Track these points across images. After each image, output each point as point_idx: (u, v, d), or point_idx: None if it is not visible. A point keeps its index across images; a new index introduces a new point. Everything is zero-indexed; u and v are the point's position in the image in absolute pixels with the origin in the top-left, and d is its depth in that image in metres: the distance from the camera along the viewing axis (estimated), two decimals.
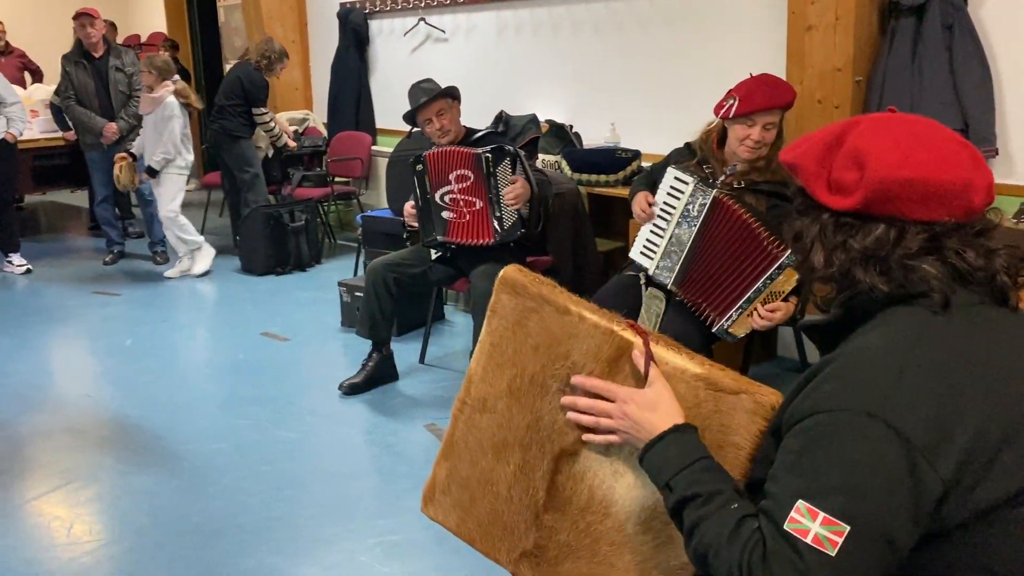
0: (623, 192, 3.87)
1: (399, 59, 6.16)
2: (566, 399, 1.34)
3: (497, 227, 3.44)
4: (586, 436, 1.33)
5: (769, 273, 2.64)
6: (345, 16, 6.35)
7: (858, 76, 3.38)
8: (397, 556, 2.54)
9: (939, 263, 1.10)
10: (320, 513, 2.79)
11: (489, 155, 3.39)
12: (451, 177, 3.49)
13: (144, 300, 5.25)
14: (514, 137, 4.79)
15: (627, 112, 4.61)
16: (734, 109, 2.77)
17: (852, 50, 3.33)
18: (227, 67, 7.86)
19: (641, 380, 1.28)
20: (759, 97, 2.76)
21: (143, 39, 9.99)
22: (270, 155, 6.20)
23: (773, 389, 1.28)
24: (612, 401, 1.28)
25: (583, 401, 1.32)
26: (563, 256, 4.02)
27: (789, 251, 2.58)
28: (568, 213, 4.07)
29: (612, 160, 4.25)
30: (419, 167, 3.55)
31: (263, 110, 5.87)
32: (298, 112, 6.74)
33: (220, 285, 5.52)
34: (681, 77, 4.32)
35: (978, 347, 1.07)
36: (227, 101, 5.79)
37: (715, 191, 2.76)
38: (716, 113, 2.86)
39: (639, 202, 2.96)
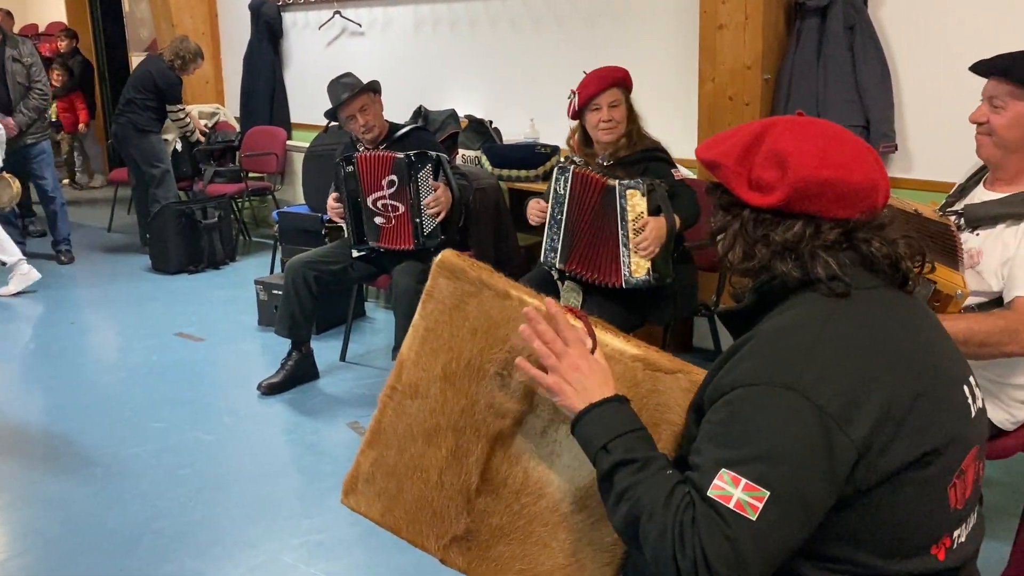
0: (543, 187, 3.91)
1: (314, 53, 6.06)
2: (528, 324, 1.29)
3: (417, 234, 3.43)
4: (520, 360, 1.30)
5: (618, 205, 2.81)
6: (257, 8, 6.20)
7: (767, 74, 3.50)
8: (322, 555, 2.51)
9: (850, 251, 1.19)
10: (242, 515, 2.73)
11: (411, 160, 3.37)
12: (384, 183, 3.45)
13: (49, 301, 5.03)
14: (434, 132, 4.78)
15: (546, 108, 4.65)
16: (576, 103, 3.02)
17: (761, 48, 3.44)
18: (133, 59, 7.59)
19: None
20: (592, 84, 3.00)
21: (41, 29, 9.56)
22: (179, 148, 6.02)
23: (704, 369, 1.32)
24: (570, 347, 1.28)
25: (547, 330, 1.29)
26: (485, 251, 4.04)
27: (618, 181, 2.82)
28: (489, 208, 4.08)
29: (532, 155, 4.29)
30: (349, 168, 3.49)
31: (179, 107, 5.72)
32: (208, 106, 6.57)
33: (130, 285, 5.33)
34: None
35: (881, 325, 1.15)
36: (136, 94, 5.60)
37: (572, 166, 2.97)
38: (568, 114, 3.10)
39: (531, 206, 3.15)
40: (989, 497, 2.77)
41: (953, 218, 2.19)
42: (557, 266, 3.03)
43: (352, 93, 3.47)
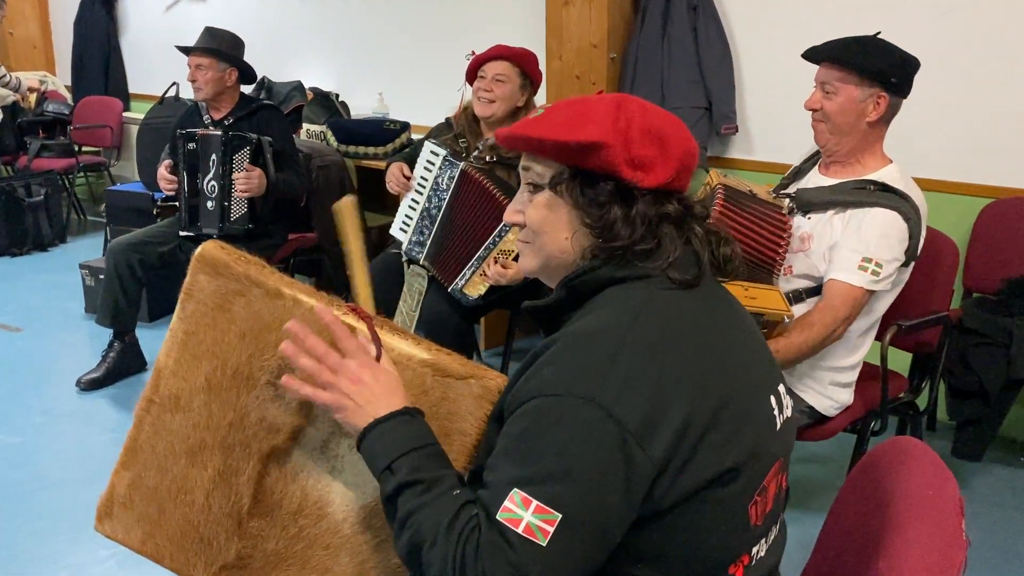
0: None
1: (153, 18, 5.66)
2: (293, 328, 1.15)
3: (223, 217, 3.26)
4: (287, 379, 1.15)
5: (498, 230, 2.67)
6: None
7: (613, 53, 3.45)
8: (133, 568, 2.31)
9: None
10: (45, 526, 2.49)
11: (227, 139, 3.21)
12: (210, 163, 3.27)
13: None
14: (278, 104, 4.53)
15: (396, 83, 4.49)
16: (469, 66, 2.86)
17: (607, 27, 3.39)
18: None
19: None
20: (487, 51, 2.84)
21: None
22: None
23: (500, 373, 1.24)
24: (347, 359, 1.15)
25: (317, 343, 1.15)
26: (329, 232, 3.85)
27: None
28: (333, 187, 3.90)
29: (380, 132, 4.12)
30: (191, 145, 3.27)
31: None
32: (34, 73, 6.02)
33: None
34: (447, 49, 4.24)
35: (690, 327, 1.07)
36: None
37: (463, 164, 2.74)
38: (466, 79, 2.91)
39: (392, 172, 2.92)
40: (814, 472, 2.86)
41: (786, 201, 2.20)
42: (421, 262, 2.86)
43: (194, 46, 3.36)
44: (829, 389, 2.16)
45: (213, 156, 3.22)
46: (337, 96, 4.46)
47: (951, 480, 1.06)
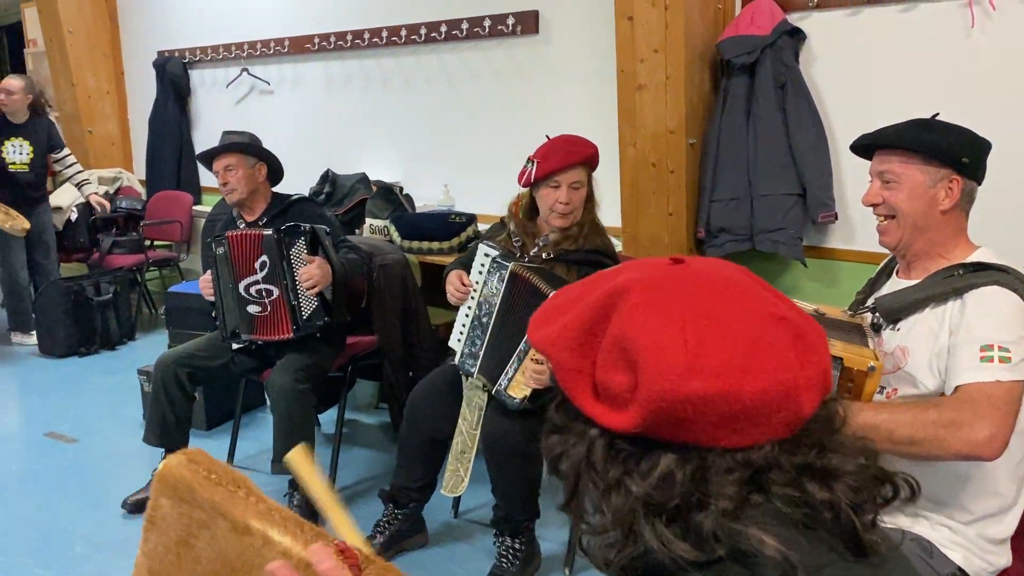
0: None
1: (223, 112, 5.66)
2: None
3: (295, 318, 3.02)
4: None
5: None
6: (162, 65, 5.80)
7: (692, 138, 3.15)
8: None
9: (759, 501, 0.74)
10: None
11: (280, 236, 2.99)
12: (256, 265, 3.06)
13: None
14: (341, 199, 4.38)
15: (461, 172, 4.29)
16: (534, 173, 2.53)
17: (684, 111, 3.10)
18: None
19: None
20: (557, 156, 2.52)
21: None
22: (73, 219, 5.53)
23: None
24: None
25: None
26: (391, 334, 3.61)
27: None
28: (395, 286, 3.66)
29: (445, 225, 3.89)
30: (220, 250, 3.09)
31: (64, 152, 5.22)
32: (109, 170, 6.10)
33: (7, 371, 4.79)
34: (515, 136, 4.03)
35: None
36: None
37: (512, 264, 2.50)
38: (519, 181, 2.61)
39: (451, 282, 2.68)
40: None
41: (868, 316, 1.83)
42: (475, 376, 2.61)
43: (219, 147, 3.15)
44: (981, 545, 1.74)
45: (264, 258, 3.03)
46: (401, 188, 4.27)
47: None
